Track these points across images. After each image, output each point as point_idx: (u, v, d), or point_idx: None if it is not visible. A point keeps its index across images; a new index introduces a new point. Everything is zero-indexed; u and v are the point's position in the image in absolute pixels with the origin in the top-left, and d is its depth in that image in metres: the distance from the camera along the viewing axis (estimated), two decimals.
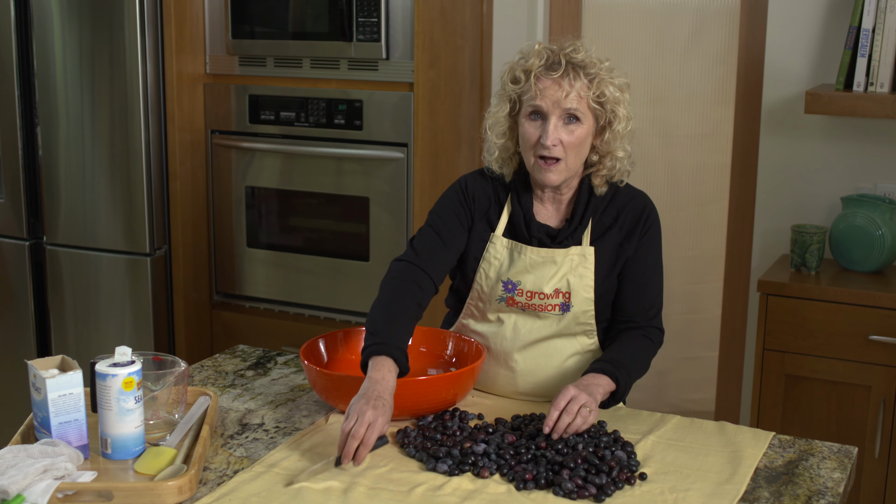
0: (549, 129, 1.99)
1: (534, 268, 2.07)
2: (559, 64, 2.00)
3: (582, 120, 2.00)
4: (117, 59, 3.39)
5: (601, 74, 2.02)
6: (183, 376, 1.95)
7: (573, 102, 1.99)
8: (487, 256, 2.10)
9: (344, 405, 1.98)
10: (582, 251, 2.07)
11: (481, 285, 2.12)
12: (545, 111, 2.00)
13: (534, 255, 2.07)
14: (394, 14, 3.24)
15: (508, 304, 2.10)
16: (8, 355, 3.77)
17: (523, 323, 2.11)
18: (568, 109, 1.99)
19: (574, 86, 1.99)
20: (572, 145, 2.01)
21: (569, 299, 2.07)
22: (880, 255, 3.00)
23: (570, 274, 2.07)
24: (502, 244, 2.10)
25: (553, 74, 1.99)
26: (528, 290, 2.08)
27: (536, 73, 2.01)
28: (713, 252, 3.61)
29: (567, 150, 2.00)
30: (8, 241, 3.70)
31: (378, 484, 1.74)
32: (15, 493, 1.61)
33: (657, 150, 3.63)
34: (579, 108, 1.99)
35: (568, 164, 2.02)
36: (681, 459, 1.85)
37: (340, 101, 3.37)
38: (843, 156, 3.22)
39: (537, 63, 2.01)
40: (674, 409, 3.67)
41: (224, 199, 3.62)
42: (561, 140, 1.99)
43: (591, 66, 2.01)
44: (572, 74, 1.99)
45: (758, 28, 3.35)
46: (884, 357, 2.84)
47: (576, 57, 2.01)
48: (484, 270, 2.11)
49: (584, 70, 2.00)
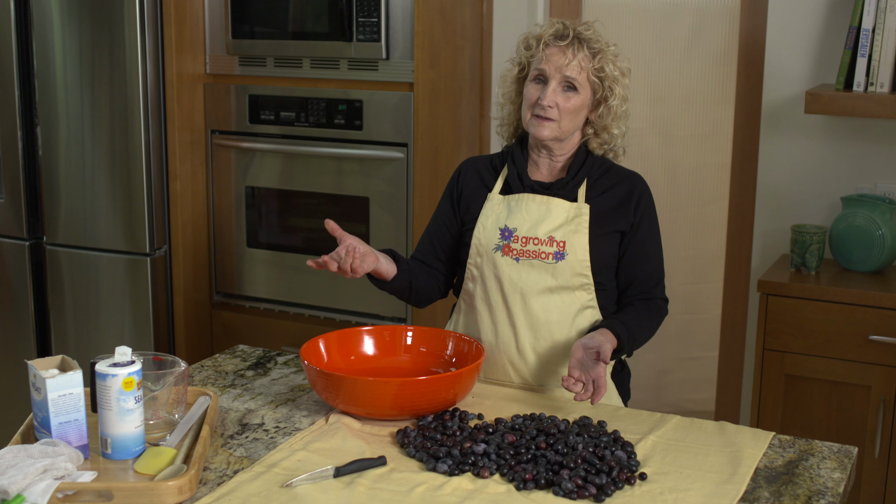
0: (547, 91, 2.15)
1: (529, 213, 2.18)
2: (567, 35, 2.17)
3: (579, 90, 2.16)
4: (117, 59, 3.39)
5: (605, 51, 2.17)
6: (183, 376, 1.95)
7: (573, 71, 2.15)
8: (485, 212, 2.23)
9: (344, 405, 1.98)
10: (578, 207, 2.18)
11: (479, 238, 2.22)
12: (548, 75, 2.16)
13: (530, 201, 2.19)
14: (394, 14, 3.24)
15: (504, 252, 2.18)
16: (8, 355, 3.77)
17: (518, 274, 2.18)
18: (567, 77, 2.15)
19: (577, 56, 2.15)
20: (567, 111, 2.16)
21: (563, 248, 2.16)
22: (880, 255, 3.00)
23: (565, 225, 2.16)
24: (498, 199, 2.23)
25: (560, 43, 2.16)
26: (524, 236, 2.17)
27: (546, 40, 2.18)
28: (713, 252, 3.61)
29: (562, 113, 2.16)
30: (8, 241, 3.70)
31: (378, 484, 1.74)
32: (15, 493, 1.61)
33: (657, 150, 3.63)
34: (578, 79, 2.15)
35: (561, 126, 2.17)
36: (681, 459, 1.85)
37: (340, 101, 3.37)
38: (843, 156, 3.22)
39: (549, 31, 2.19)
40: (674, 409, 3.67)
41: (224, 199, 3.62)
42: (557, 104, 2.15)
43: (597, 42, 2.19)
44: (577, 45, 2.16)
45: (758, 28, 3.35)
46: (884, 357, 2.84)
47: (585, 33, 2.17)
48: (482, 223, 2.22)
49: (588, 44, 2.17)
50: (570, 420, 1.99)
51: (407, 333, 2.23)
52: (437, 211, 2.35)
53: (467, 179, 2.30)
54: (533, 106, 2.18)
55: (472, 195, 2.28)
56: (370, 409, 1.97)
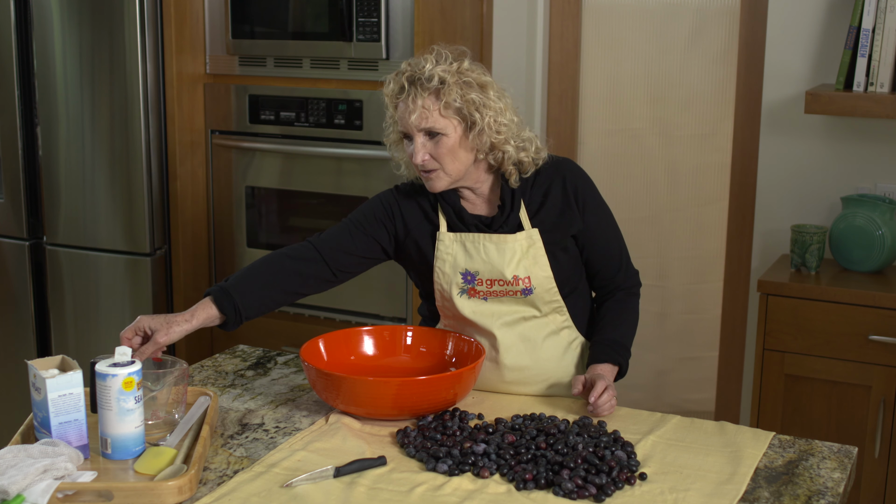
0: (416, 147, 2.05)
1: (488, 255, 2.12)
2: (403, 87, 2.05)
3: (443, 131, 2.04)
4: (117, 59, 3.39)
5: (448, 81, 2.02)
6: (183, 376, 1.95)
7: (425, 120, 2.03)
8: (440, 254, 2.16)
9: (344, 405, 1.98)
10: (528, 235, 2.12)
11: (441, 284, 2.16)
12: (410, 132, 2.06)
13: (486, 241, 2.12)
14: (394, 14, 3.24)
15: (470, 294, 2.14)
16: (8, 355, 3.77)
17: (490, 310, 2.15)
18: (424, 128, 2.04)
19: (418, 103, 2.02)
20: (442, 156, 2.05)
21: (529, 283, 2.12)
22: (880, 255, 3.00)
23: (524, 259, 2.12)
24: (450, 239, 2.15)
25: (402, 97, 2.06)
26: (488, 279, 2.13)
27: (391, 100, 2.09)
28: (713, 252, 3.61)
29: (440, 159, 2.06)
30: (8, 241, 3.70)
31: (378, 484, 1.74)
32: (15, 493, 1.61)
33: (657, 150, 3.63)
34: (434, 125, 2.03)
35: (447, 171, 2.07)
36: (681, 459, 1.85)
37: (340, 101, 3.37)
38: (843, 156, 3.22)
39: (389, 89, 2.09)
40: (674, 409, 3.67)
41: (224, 199, 3.62)
42: (430, 153, 2.05)
43: (433, 78, 2.02)
44: (415, 92, 2.03)
45: (758, 28, 3.34)
46: (884, 357, 2.84)
47: (420, 73, 2.04)
48: (440, 268, 2.16)
49: (426, 84, 2.02)
50: (570, 420, 1.99)
51: (407, 333, 2.23)
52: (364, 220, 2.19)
53: (409, 212, 2.18)
54: (414, 163, 2.08)
55: (419, 230, 2.17)
56: (370, 409, 1.97)
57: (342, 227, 2.21)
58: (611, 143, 3.68)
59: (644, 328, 3.75)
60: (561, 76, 3.67)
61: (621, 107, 3.66)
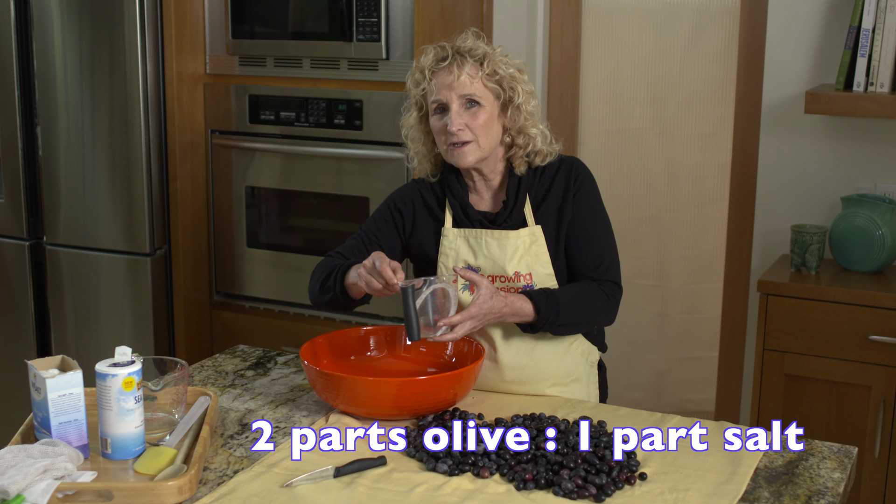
0: (451, 116, 2.07)
1: (490, 251, 2.14)
2: (447, 55, 2.10)
3: (481, 102, 2.09)
4: (117, 59, 3.39)
5: (491, 55, 2.10)
6: (183, 376, 1.95)
7: (466, 86, 2.07)
8: (444, 249, 2.18)
9: (344, 405, 1.98)
10: (531, 231, 2.14)
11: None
12: (445, 102, 2.09)
13: (489, 238, 2.14)
14: (394, 14, 3.24)
15: (472, 290, 2.13)
16: (8, 355, 3.77)
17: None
18: (464, 94, 2.08)
19: (463, 69, 2.08)
20: (478, 127, 2.09)
21: (530, 279, 2.13)
22: (880, 255, 3.00)
23: (526, 255, 2.13)
24: (454, 234, 2.17)
25: (442, 65, 2.09)
26: (490, 275, 2.14)
27: (430, 68, 2.11)
28: (713, 252, 3.61)
29: (475, 132, 2.09)
30: (8, 241, 3.70)
31: (378, 484, 1.75)
32: (15, 493, 1.61)
33: (657, 150, 3.63)
34: (475, 92, 2.08)
35: (480, 145, 2.10)
36: (681, 459, 1.85)
37: (340, 101, 3.37)
38: (843, 156, 3.22)
39: (428, 60, 2.12)
40: (674, 409, 3.67)
41: (224, 199, 3.62)
42: (466, 124, 2.08)
43: (478, 48, 2.10)
44: (459, 60, 2.09)
45: (758, 28, 3.35)
46: (884, 357, 2.84)
47: (463, 45, 2.10)
48: (443, 264, 2.18)
49: (470, 54, 2.10)
50: (570, 420, 1.99)
51: None
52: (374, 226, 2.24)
53: (415, 208, 2.23)
54: (445, 136, 2.10)
55: (424, 227, 2.22)
56: (370, 409, 1.97)
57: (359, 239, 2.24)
58: (611, 143, 3.68)
59: (644, 328, 3.78)
60: (561, 76, 3.67)
61: (621, 107, 3.66)
